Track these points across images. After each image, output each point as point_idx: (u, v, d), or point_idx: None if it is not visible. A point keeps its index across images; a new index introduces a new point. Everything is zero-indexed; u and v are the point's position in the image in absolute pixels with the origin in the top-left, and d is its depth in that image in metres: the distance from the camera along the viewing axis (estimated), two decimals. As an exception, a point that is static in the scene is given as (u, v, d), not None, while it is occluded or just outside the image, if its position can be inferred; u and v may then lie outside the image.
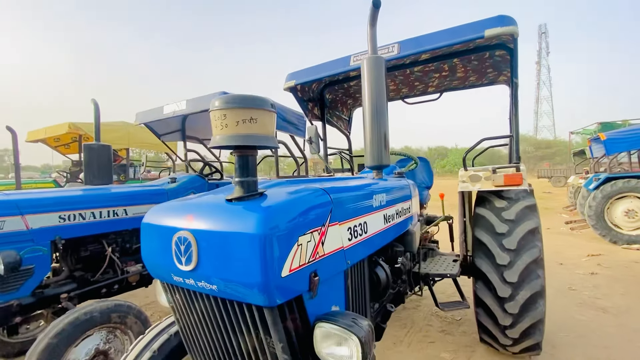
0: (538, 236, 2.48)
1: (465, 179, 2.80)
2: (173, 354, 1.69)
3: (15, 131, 4.66)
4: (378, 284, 1.65)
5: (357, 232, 1.32)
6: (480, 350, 2.93)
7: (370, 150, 1.73)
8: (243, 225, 0.91)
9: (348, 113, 4.50)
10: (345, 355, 0.96)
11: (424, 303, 4.02)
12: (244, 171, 1.03)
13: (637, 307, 3.73)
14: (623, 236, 6.82)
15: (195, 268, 0.98)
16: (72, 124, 5.65)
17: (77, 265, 2.85)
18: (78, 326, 2.17)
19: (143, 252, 1.19)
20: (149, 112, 4.24)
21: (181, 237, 1.01)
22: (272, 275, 0.88)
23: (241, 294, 0.93)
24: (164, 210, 1.15)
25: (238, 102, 0.95)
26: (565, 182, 19.82)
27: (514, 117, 2.88)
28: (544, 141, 64.25)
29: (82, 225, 2.74)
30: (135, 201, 3.13)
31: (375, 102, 1.72)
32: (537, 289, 2.35)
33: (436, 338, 3.20)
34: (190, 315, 1.18)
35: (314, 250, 1.03)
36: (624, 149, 8.60)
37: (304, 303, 1.03)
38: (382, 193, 1.67)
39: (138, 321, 2.50)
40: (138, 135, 6.49)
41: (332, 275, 1.16)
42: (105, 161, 3.50)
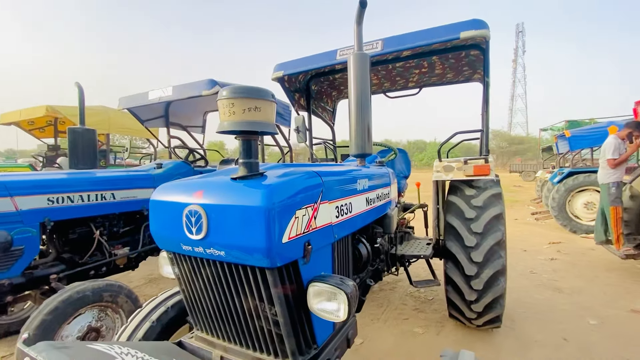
0: (502, 221, 2.76)
1: (440, 169, 3.04)
2: (171, 324, 1.83)
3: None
4: (360, 259, 1.85)
5: (343, 211, 1.49)
6: (449, 325, 3.23)
7: (355, 139, 1.90)
8: (250, 199, 1.06)
9: (332, 104, 4.65)
10: (334, 309, 1.14)
11: (399, 285, 4.31)
12: (247, 154, 1.17)
13: (589, 288, 4.17)
14: (582, 226, 7.42)
15: (205, 237, 1.12)
16: (50, 107, 5.46)
17: (65, 247, 2.89)
18: (71, 304, 2.24)
19: (152, 226, 1.31)
20: (133, 97, 4.21)
21: (192, 211, 1.14)
22: (275, 241, 1.04)
23: (247, 258, 1.08)
24: (173, 188, 1.28)
25: (244, 92, 1.08)
26: (534, 177, 20.95)
27: (485, 113, 3.13)
28: (517, 137, 66.99)
29: (70, 208, 2.77)
30: (123, 185, 3.18)
31: (359, 95, 1.88)
32: (499, 267, 2.63)
33: (410, 315, 3.48)
34: (195, 282, 1.32)
35: (308, 223, 1.20)
36: (586, 145, 9.27)
37: (299, 267, 1.20)
38: (365, 178, 1.85)
39: (129, 300, 2.59)
40: (119, 121, 6.35)
41: (322, 246, 1.34)
42: (90, 145, 3.50)
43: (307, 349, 1.29)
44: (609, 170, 4.63)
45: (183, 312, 1.83)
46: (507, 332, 3.10)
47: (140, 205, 3.34)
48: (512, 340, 2.95)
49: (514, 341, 2.93)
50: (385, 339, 3.00)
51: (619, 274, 4.67)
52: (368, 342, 2.94)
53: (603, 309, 3.58)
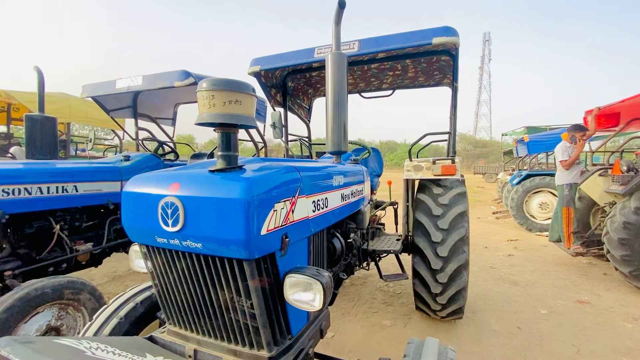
0: (466, 218, 2.93)
1: (410, 169, 3.17)
2: (139, 320, 1.78)
3: None
4: (334, 252, 1.90)
5: (319, 206, 1.53)
6: (416, 317, 3.38)
7: (331, 137, 1.95)
8: (230, 192, 1.06)
9: (308, 102, 4.68)
10: (309, 299, 1.18)
11: (369, 280, 4.44)
12: (227, 146, 1.18)
13: (541, 281, 4.53)
14: (537, 225, 8.01)
15: (182, 229, 1.12)
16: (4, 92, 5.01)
17: (21, 242, 2.70)
18: (28, 302, 2.12)
19: (124, 219, 1.28)
20: (98, 85, 3.99)
21: (168, 202, 1.13)
22: (253, 233, 1.06)
23: (224, 250, 1.09)
24: (148, 179, 1.25)
25: (225, 85, 1.09)
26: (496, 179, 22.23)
27: (453, 116, 3.31)
28: (481, 141, 70.54)
29: (27, 201, 2.59)
30: (86, 178, 3.02)
31: (336, 94, 1.93)
32: (462, 262, 2.80)
33: (379, 309, 3.61)
34: (169, 275, 1.30)
35: (286, 216, 1.22)
36: (542, 149, 9.99)
37: (276, 260, 1.23)
38: (341, 175, 1.91)
39: (92, 298, 2.48)
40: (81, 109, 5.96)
41: (299, 239, 1.37)
42: (50, 134, 3.29)
43: (282, 339, 1.32)
44: (563, 173, 5.04)
45: (152, 308, 1.80)
46: (469, 322, 3.31)
47: (105, 198, 3.19)
48: (473, 329, 3.15)
49: (474, 330, 3.13)
50: (356, 331, 3.09)
51: (567, 269, 5.11)
52: (339, 335, 3.01)
53: (552, 300, 3.91)
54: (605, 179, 4.95)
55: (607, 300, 3.93)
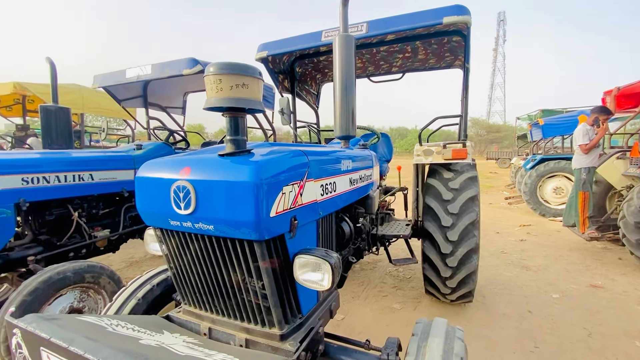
0: (476, 202, 2.90)
1: (420, 153, 3.14)
2: (156, 301, 1.86)
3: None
4: (342, 236, 1.93)
5: (328, 190, 1.54)
6: (425, 301, 3.41)
7: (340, 121, 1.94)
8: (239, 175, 1.08)
9: (317, 87, 4.63)
10: (318, 279, 1.21)
11: (379, 265, 4.48)
12: (235, 131, 1.19)
13: (553, 266, 4.49)
14: (550, 210, 7.87)
15: (194, 212, 1.15)
16: (18, 84, 5.13)
17: (42, 229, 2.81)
18: (51, 285, 2.21)
19: (138, 203, 1.32)
20: (109, 74, 4.04)
21: (180, 186, 1.16)
22: (263, 215, 1.08)
23: (235, 231, 1.12)
24: (159, 164, 1.28)
25: (232, 68, 1.09)
26: (509, 164, 21.79)
27: (465, 99, 3.24)
28: (495, 125, 68.83)
29: (46, 189, 2.69)
30: (101, 166, 3.09)
31: (344, 78, 1.91)
32: (472, 246, 2.79)
33: (389, 292, 3.65)
34: (184, 257, 1.35)
35: (295, 199, 1.24)
36: (558, 133, 9.71)
37: (285, 241, 1.25)
38: (349, 159, 1.91)
39: (111, 281, 2.59)
40: (93, 100, 6.06)
41: (308, 222, 1.39)
42: (64, 125, 3.37)
43: (293, 318, 1.36)
44: (582, 156, 4.90)
45: (168, 290, 1.86)
46: (478, 306, 3.32)
47: (119, 186, 3.28)
48: (483, 313, 3.17)
49: (484, 314, 3.15)
50: (365, 314, 3.14)
51: (581, 254, 5.04)
52: (349, 318, 3.07)
53: (565, 284, 3.88)
54: (624, 162, 4.80)
55: (621, 284, 3.87)
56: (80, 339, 0.90)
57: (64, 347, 0.87)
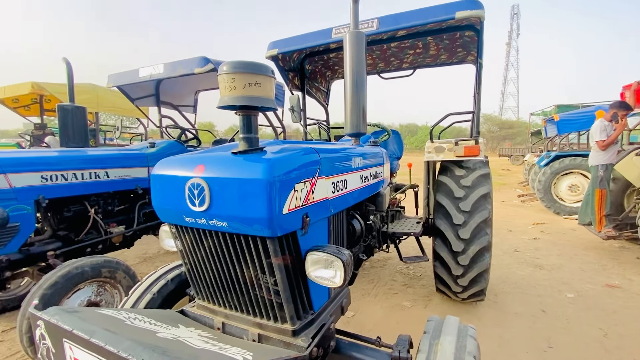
0: (489, 200, 2.87)
1: (431, 150, 3.11)
2: (171, 296, 1.90)
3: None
4: (353, 233, 1.93)
5: (339, 187, 1.55)
6: (436, 299, 3.39)
7: (350, 119, 1.94)
8: (252, 172, 1.10)
9: (326, 85, 4.63)
10: (330, 275, 1.22)
11: (389, 262, 4.46)
12: (248, 129, 1.20)
13: (568, 265, 4.40)
14: (565, 208, 7.69)
15: (208, 209, 1.17)
16: (36, 84, 5.28)
17: (60, 225, 2.90)
18: (70, 279, 2.29)
19: (154, 200, 1.35)
20: (123, 74, 4.12)
21: (194, 183, 1.18)
22: (275, 212, 1.09)
23: (248, 228, 1.14)
24: (174, 162, 1.31)
25: (245, 67, 1.10)
26: (522, 161, 21.36)
27: (477, 95, 3.19)
28: (508, 122, 67.48)
29: (64, 186, 2.77)
30: (116, 164, 3.17)
31: (355, 74, 1.90)
32: (484, 244, 2.76)
33: (399, 290, 3.64)
34: (198, 253, 1.37)
35: (306, 197, 1.25)
36: (574, 129, 9.46)
37: (297, 238, 1.27)
38: (360, 157, 1.91)
39: (127, 276, 2.65)
40: (108, 99, 6.18)
41: (319, 219, 1.40)
42: (81, 123, 3.45)
43: (305, 314, 1.37)
44: (599, 153, 4.77)
45: (182, 285, 1.90)
46: (490, 305, 3.28)
47: (134, 184, 3.35)
48: (495, 311, 3.13)
49: (496, 312, 3.11)
50: (375, 311, 3.14)
51: (597, 253, 4.92)
52: (359, 315, 3.08)
53: (580, 283, 3.80)
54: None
55: (639, 284, 3.77)
56: (101, 331, 0.93)
57: (86, 338, 0.90)
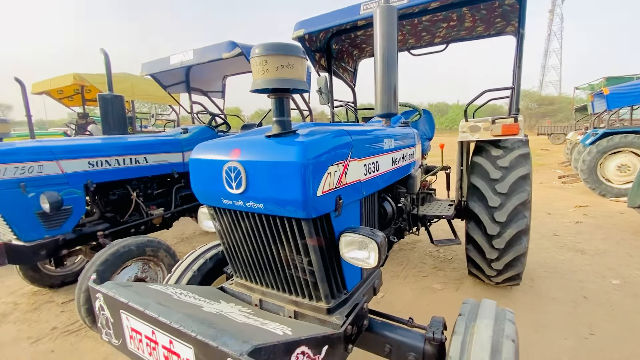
0: (528, 182, 2.73)
1: (465, 130, 2.98)
2: (209, 274, 2.01)
3: (23, 83, 4.68)
4: (385, 216, 1.92)
5: (370, 169, 1.54)
6: (468, 282, 3.34)
7: (381, 99, 1.88)
8: (287, 155, 1.11)
9: (353, 64, 4.51)
10: (364, 257, 1.23)
11: (418, 245, 4.42)
12: (280, 112, 1.21)
13: (613, 250, 4.13)
14: (613, 189, 7.15)
15: (244, 191, 1.21)
16: (77, 75, 5.60)
17: (107, 208, 3.12)
18: (119, 257, 2.48)
19: (193, 183, 1.41)
20: (155, 62, 4.24)
21: (231, 167, 1.22)
22: (310, 195, 1.11)
23: (284, 210, 1.16)
24: (211, 147, 1.35)
25: (277, 49, 1.09)
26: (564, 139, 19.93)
27: (517, 68, 2.97)
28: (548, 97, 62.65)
29: (109, 171, 2.96)
30: (154, 150, 3.32)
31: (386, 52, 1.83)
32: (522, 227, 2.65)
33: (429, 273, 3.61)
34: (235, 234, 1.43)
35: (339, 179, 1.25)
36: (626, 103, 8.62)
37: (331, 220, 1.28)
38: (391, 138, 1.87)
39: (168, 255, 2.84)
40: (142, 87, 6.44)
41: (352, 201, 1.40)
42: (120, 111, 3.63)
43: (339, 294, 1.40)
44: None
45: (220, 263, 2.00)
46: (526, 289, 3.18)
47: (170, 168, 3.51)
48: (531, 296, 3.03)
49: (532, 297, 3.01)
50: (405, 293, 3.15)
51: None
52: (389, 296, 3.11)
53: (627, 270, 3.57)
54: None
55: (697, 271, 3.48)
56: (154, 304, 1.01)
57: (141, 310, 0.99)
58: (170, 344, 0.94)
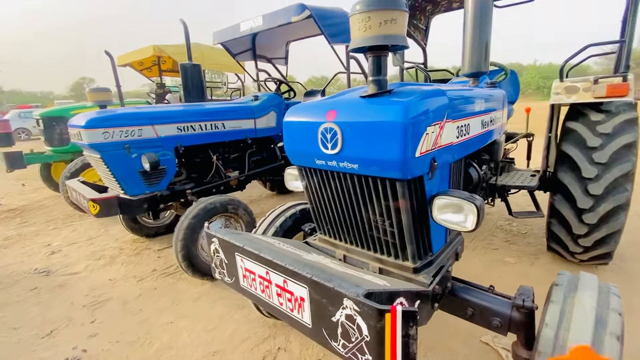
0: (634, 151, 2.39)
1: (560, 91, 2.65)
2: (289, 231, 2.16)
3: (112, 56, 5.21)
4: (469, 182, 1.85)
5: (462, 132, 1.47)
6: (545, 258, 3.13)
7: (470, 56, 1.74)
8: (386, 115, 1.12)
9: (425, 21, 4.18)
10: (460, 220, 1.22)
11: (488, 218, 4.20)
12: (377, 71, 1.19)
13: None
14: None
15: (340, 152, 1.25)
16: (156, 47, 6.04)
17: (192, 169, 3.47)
18: (207, 212, 2.78)
19: (286, 144, 1.50)
20: (225, 30, 4.37)
21: (327, 128, 1.26)
22: (409, 155, 1.11)
23: (380, 170, 1.19)
24: (306, 109, 1.41)
25: (382, 3, 1.06)
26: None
27: (631, 16, 2.50)
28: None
29: (194, 136, 3.24)
30: (230, 116, 3.54)
31: (478, 3, 1.66)
32: (621, 201, 2.37)
33: (500, 246, 3.45)
34: (324, 193, 1.51)
35: (435, 140, 1.23)
36: None
37: (424, 182, 1.28)
38: (482, 100, 1.75)
39: (246, 213, 3.10)
40: (212, 56, 6.74)
41: (443, 164, 1.37)
42: (198, 79, 3.88)
43: (425, 255, 1.43)
44: None
45: (298, 222, 2.14)
46: (615, 269, 2.90)
47: (244, 134, 3.73)
48: (621, 277, 2.76)
49: (622, 278, 2.74)
50: (474, 264, 3.08)
51: None
52: (458, 265, 3.05)
53: None
54: None
55: None
56: (265, 249, 1.14)
57: (256, 253, 1.12)
58: (284, 283, 1.06)
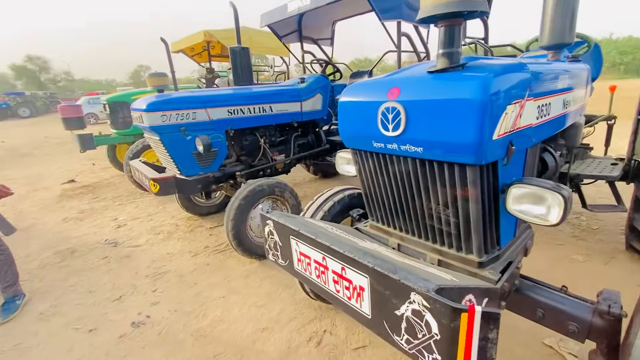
0: None
1: None
2: (336, 216, 2.11)
3: (167, 42, 5.44)
4: (544, 170, 1.65)
5: (543, 112, 1.29)
6: (622, 257, 2.77)
7: (552, 25, 1.52)
8: (461, 92, 0.99)
9: (488, -10, 3.77)
10: (541, 212, 1.08)
11: (552, 210, 3.82)
12: (449, 42, 1.06)
13: None
14: None
15: (402, 133, 1.15)
16: (207, 32, 6.18)
17: (241, 152, 3.55)
18: (255, 194, 2.84)
19: (341, 126, 1.42)
20: (272, 12, 4.33)
21: (389, 108, 1.17)
22: (486, 138, 0.98)
23: (450, 154, 1.07)
24: (364, 88, 1.32)
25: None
26: None
27: None
28: None
29: (243, 119, 3.29)
30: (277, 99, 3.53)
31: None
32: None
33: (566, 242, 3.12)
34: (379, 178, 1.42)
35: (514, 121, 1.08)
36: None
37: (498, 169, 1.14)
38: (565, 76, 1.52)
39: (292, 196, 3.12)
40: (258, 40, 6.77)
41: (520, 149, 1.21)
42: (247, 63, 3.90)
43: (492, 249, 1.30)
44: None
45: (346, 207, 2.08)
46: None
47: (290, 117, 3.71)
48: None
49: None
50: (538, 260, 2.81)
51: None
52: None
53: None
54: None
55: None
56: (320, 235, 1.11)
57: (312, 238, 1.09)
58: (342, 271, 1.02)
